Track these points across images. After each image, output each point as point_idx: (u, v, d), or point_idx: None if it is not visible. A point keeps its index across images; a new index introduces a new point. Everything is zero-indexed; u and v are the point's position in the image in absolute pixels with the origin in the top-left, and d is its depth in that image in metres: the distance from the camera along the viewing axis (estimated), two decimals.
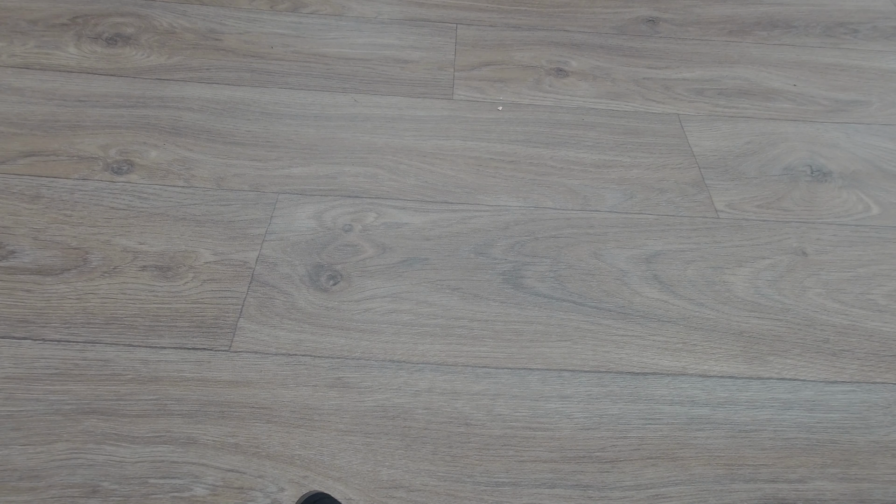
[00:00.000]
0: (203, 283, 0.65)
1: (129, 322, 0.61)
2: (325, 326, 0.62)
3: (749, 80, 0.98)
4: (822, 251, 0.74)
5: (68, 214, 0.70)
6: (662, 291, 0.68)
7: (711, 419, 0.58)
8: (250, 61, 0.93)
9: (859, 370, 0.63)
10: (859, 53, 1.05)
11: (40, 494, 0.50)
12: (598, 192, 0.78)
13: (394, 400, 0.58)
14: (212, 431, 0.54)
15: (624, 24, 1.08)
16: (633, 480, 0.54)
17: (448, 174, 0.79)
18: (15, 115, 0.81)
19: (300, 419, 0.56)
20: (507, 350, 0.62)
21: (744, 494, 0.54)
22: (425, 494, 0.52)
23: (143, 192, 0.73)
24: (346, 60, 0.95)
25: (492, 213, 0.75)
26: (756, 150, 0.86)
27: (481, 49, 1.00)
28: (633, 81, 0.96)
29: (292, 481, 0.52)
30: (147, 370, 0.58)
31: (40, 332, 0.60)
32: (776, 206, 0.79)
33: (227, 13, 1.02)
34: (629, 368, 0.61)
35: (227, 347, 0.60)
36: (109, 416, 0.55)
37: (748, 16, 1.12)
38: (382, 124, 0.85)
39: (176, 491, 0.51)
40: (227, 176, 0.76)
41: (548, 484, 0.53)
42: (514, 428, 0.57)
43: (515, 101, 0.91)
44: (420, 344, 0.62)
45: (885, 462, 0.57)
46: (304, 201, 0.74)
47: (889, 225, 0.77)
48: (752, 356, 0.63)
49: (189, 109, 0.84)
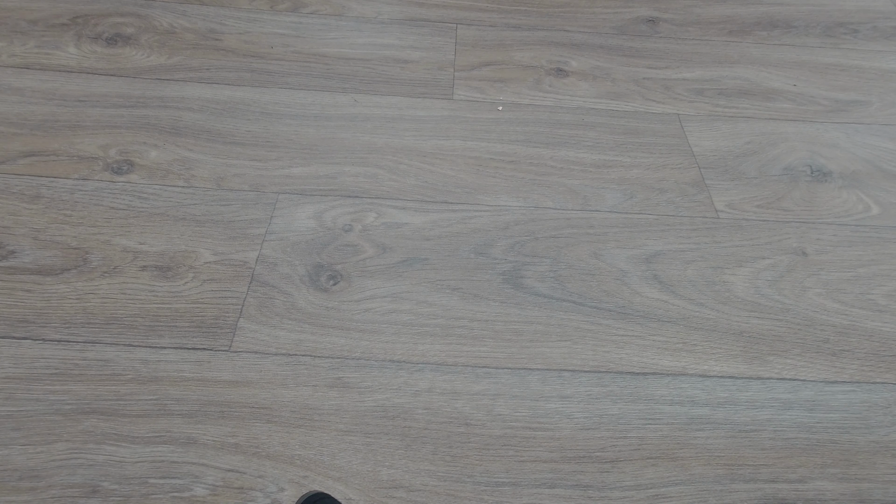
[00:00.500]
0: (203, 283, 0.65)
1: (129, 322, 0.61)
2: (325, 326, 0.63)
3: (749, 80, 0.98)
4: (822, 251, 0.74)
5: (68, 214, 0.70)
6: (662, 291, 0.68)
7: (711, 419, 0.58)
8: (250, 61, 0.93)
9: (859, 370, 0.63)
10: (859, 53, 1.05)
11: (40, 494, 0.50)
12: (598, 192, 0.78)
13: (394, 400, 0.58)
14: (212, 431, 0.54)
15: (624, 24, 1.08)
16: (633, 480, 0.54)
17: (448, 174, 0.79)
18: (15, 115, 0.81)
19: (300, 419, 0.56)
20: (507, 350, 0.62)
21: (744, 494, 0.54)
22: (425, 494, 0.52)
23: (143, 192, 0.73)
24: (346, 60, 0.95)
25: (492, 213, 0.75)
26: (756, 150, 0.86)
27: (481, 49, 1.00)
28: (633, 81, 0.96)
29: (292, 481, 0.52)
30: (147, 370, 0.58)
31: (40, 332, 0.60)
32: (776, 206, 0.79)
33: (227, 13, 1.02)
34: (629, 368, 0.61)
35: (227, 347, 0.60)
36: (109, 416, 0.55)
37: (748, 16, 1.12)
38: (382, 124, 0.85)
39: (176, 491, 0.51)
40: (227, 176, 0.76)
41: (548, 484, 0.53)
42: (514, 428, 0.57)
43: (515, 101, 0.91)
44: (420, 344, 0.62)
45: (885, 462, 0.57)
46: (304, 201, 0.74)
47: (889, 225, 0.77)
48: (752, 356, 0.63)
49: (189, 109, 0.84)
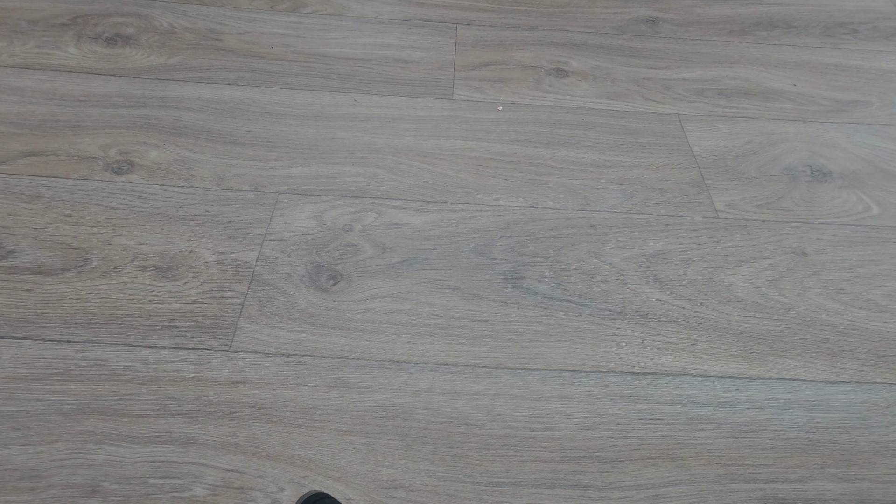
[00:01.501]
0: (203, 283, 0.65)
1: (129, 322, 0.61)
2: (325, 326, 0.63)
3: (749, 80, 0.98)
4: (822, 251, 0.74)
5: (68, 214, 0.70)
6: (662, 291, 0.68)
7: (711, 419, 0.58)
8: (250, 61, 0.93)
9: (859, 370, 0.63)
10: (859, 53, 1.05)
11: (40, 494, 0.50)
12: (598, 192, 0.78)
13: (394, 400, 0.58)
14: (212, 431, 0.54)
15: (624, 24, 1.08)
16: (633, 480, 0.54)
17: (448, 174, 0.79)
18: (15, 115, 0.81)
19: (300, 419, 0.56)
20: (507, 350, 0.62)
21: (744, 494, 0.54)
22: (425, 494, 0.52)
23: (143, 192, 0.73)
24: (346, 60, 0.95)
25: (492, 213, 0.75)
26: (756, 150, 0.86)
27: (481, 49, 1.00)
28: (633, 81, 0.96)
29: (292, 481, 0.52)
30: (147, 370, 0.58)
31: (40, 332, 0.60)
32: (776, 206, 0.79)
33: (227, 13, 1.02)
34: (629, 368, 0.61)
35: (227, 347, 0.60)
36: (109, 416, 0.55)
37: (748, 16, 1.12)
38: (382, 124, 0.85)
39: (176, 491, 0.51)
40: (227, 176, 0.76)
41: (548, 484, 0.53)
42: (514, 428, 0.57)
43: (515, 101, 0.91)
44: (420, 344, 0.62)
45: (885, 462, 0.57)
46: (304, 201, 0.74)
47: (889, 225, 0.77)
48: (752, 356, 0.63)
49: (189, 109, 0.84)
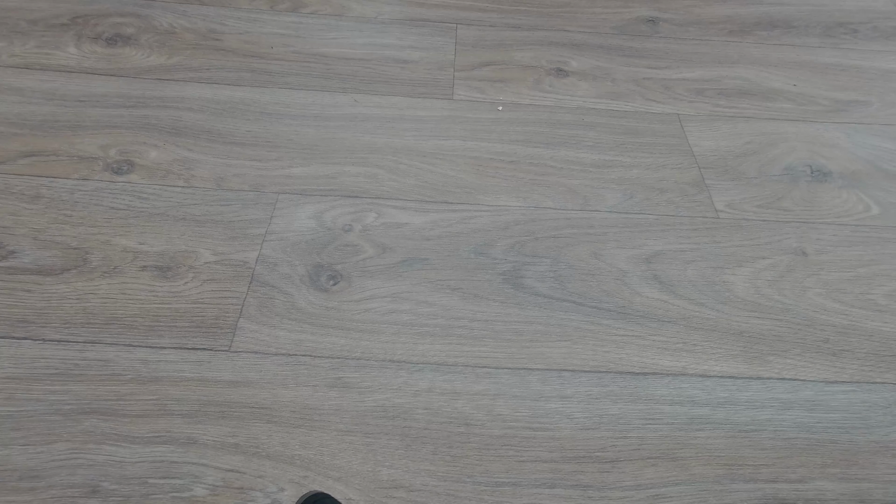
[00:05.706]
0: (203, 283, 0.65)
1: (129, 322, 0.61)
2: (325, 326, 0.63)
3: (749, 80, 0.98)
4: (822, 251, 0.74)
5: (68, 214, 0.70)
6: (662, 291, 0.68)
7: (711, 419, 0.58)
8: (250, 61, 0.93)
9: (859, 370, 0.63)
10: (859, 53, 1.05)
11: (40, 494, 0.50)
12: (598, 192, 0.78)
13: (394, 400, 0.58)
14: (212, 431, 0.54)
15: (624, 24, 1.08)
16: (633, 480, 0.54)
17: (448, 174, 0.79)
18: (15, 115, 0.81)
19: (300, 419, 0.56)
20: (507, 350, 0.62)
21: (744, 494, 0.54)
22: (425, 494, 0.52)
23: (143, 192, 0.73)
24: (346, 60, 0.95)
25: (492, 213, 0.75)
26: (756, 150, 0.86)
27: (481, 49, 1.00)
28: (633, 81, 0.96)
29: (292, 481, 0.52)
30: (147, 370, 0.58)
31: (40, 332, 0.60)
32: (776, 206, 0.79)
33: (227, 13, 1.02)
34: (629, 368, 0.61)
35: (227, 347, 0.60)
36: (109, 416, 0.55)
37: (748, 16, 1.12)
38: (382, 124, 0.85)
39: (176, 491, 0.51)
40: (227, 176, 0.76)
41: (548, 484, 0.53)
42: (514, 428, 0.57)
43: (515, 101, 0.91)
44: (420, 344, 0.62)
45: (885, 462, 0.57)
46: (304, 201, 0.74)
47: (889, 225, 0.77)
48: (752, 356, 0.63)
49: (189, 109, 0.84)
